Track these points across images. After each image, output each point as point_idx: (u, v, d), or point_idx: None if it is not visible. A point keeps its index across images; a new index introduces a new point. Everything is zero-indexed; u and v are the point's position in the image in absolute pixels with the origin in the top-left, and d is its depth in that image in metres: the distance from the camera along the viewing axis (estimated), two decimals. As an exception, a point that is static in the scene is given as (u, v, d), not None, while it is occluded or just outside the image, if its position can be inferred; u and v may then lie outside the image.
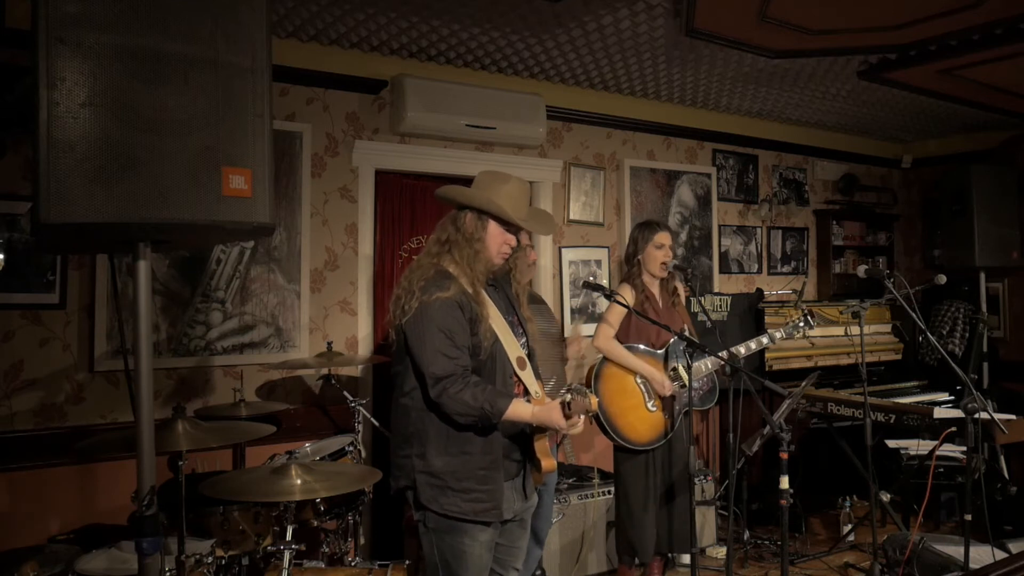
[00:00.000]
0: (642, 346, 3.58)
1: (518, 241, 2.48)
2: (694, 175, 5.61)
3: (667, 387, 3.47)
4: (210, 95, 1.64)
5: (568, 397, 2.18)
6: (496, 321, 2.36)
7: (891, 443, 4.50)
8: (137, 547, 1.74)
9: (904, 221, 6.89)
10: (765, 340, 3.70)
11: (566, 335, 3.96)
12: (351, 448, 3.45)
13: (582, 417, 2.24)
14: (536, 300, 3.71)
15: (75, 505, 3.42)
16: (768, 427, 2.83)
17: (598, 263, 5.11)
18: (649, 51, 4.21)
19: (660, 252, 3.58)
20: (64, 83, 1.48)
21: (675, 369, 3.58)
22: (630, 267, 3.66)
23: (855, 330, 5.17)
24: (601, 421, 3.43)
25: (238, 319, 3.86)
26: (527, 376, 2.40)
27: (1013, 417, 4.02)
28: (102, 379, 3.53)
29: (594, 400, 2.22)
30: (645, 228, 3.65)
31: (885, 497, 4.57)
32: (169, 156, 1.59)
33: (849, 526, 4.72)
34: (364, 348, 4.25)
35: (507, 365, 2.36)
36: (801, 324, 3.77)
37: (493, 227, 2.39)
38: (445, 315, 2.25)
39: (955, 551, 3.24)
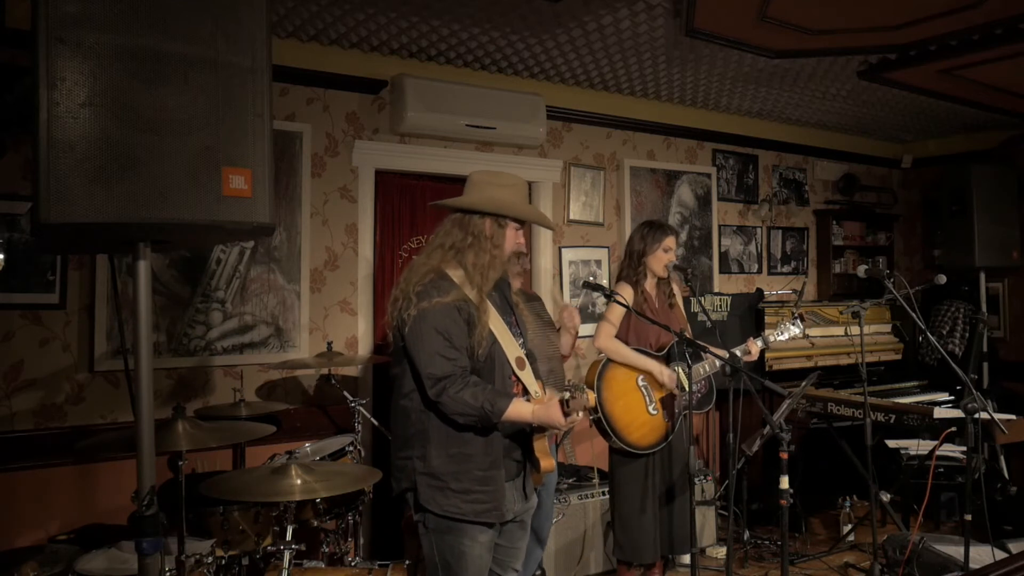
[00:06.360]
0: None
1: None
2: (694, 175, 5.61)
3: (668, 376, 3.44)
4: (210, 95, 1.64)
5: (567, 395, 2.18)
6: (494, 322, 2.35)
7: (891, 443, 4.50)
8: (137, 547, 1.74)
9: (904, 221, 6.89)
10: (760, 343, 3.69)
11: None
12: (351, 448, 3.45)
13: (580, 414, 2.24)
14: (531, 297, 3.70)
15: (75, 505, 3.42)
16: (768, 427, 2.83)
17: (598, 263, 5.11)
18: (649, 51, 4.21)
19: (667, 256, 3.54)
20: (64, 83, 1.48)
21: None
22: (633, 266, 3.57)
23: (855, 330, 5.17)
24: (603, 425, 3.42)
25: (238, 319, 3.86)
26: (526, 376, 2.39)
27: (1013, 417, 4.02)
28: (102, 379, 3.53)
29: (592, 396, 2.22)
30: (656, 229, 3.56)
31: (885, 497, 4.57)
32: (169, 156, 1.59)
33: (849, 526, 4.72)
34: (364, 348, 4.25)
35: (506, 366, 2.35)
36: (791, 326, 3.74)
37: (510, 229, 2.40)
38: (443, 317, 2.25)
39: (955, 551, 3.24)
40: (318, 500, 3.05)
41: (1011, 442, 4.07)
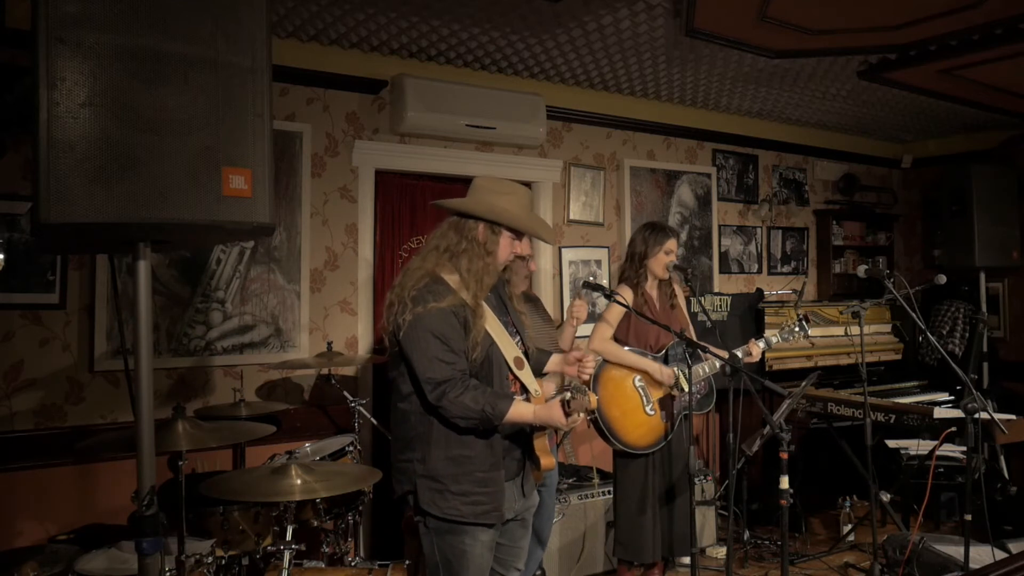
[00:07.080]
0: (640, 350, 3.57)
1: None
2: (694, 175, 5.61)
3: (667, 375, 3.44)
4: (210, 95, 1.64)
5: (568, 395, 2.18)
6: (491, 323, 2.35)
7: (891, 443, 4.50)
8: (137, 547, 1.74)
9: (904, 221, 6.89)
10: (762, 344, 3.68)
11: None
12: (351, 448, 3.45)
13: (581, 414, 2.24)
14: (530, 298, 3.70)
15: (75, 505, 3.42)
16: (768, 427, 2.83)
17: (598, 263, 5.11)
18: (649, 51, 4.21)
19: (668, 258, 3.54)
20: (64, 83, 1.48)
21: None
22: (634, 268, 3.57)
23: (855, 330, 5.17)
24: (600, 425, 3.41)
25: (238, 319, 3.86)
26: (525, 375, 2.39)
27: (1013, 417, 4.02)
28: (102, 379, 3.53)
29: (593, 398, 2.22)
30: (657, 232, 3.55)
31: (885, 497, 4.57)
32: (169, 156, 1.59)
33: (849, 526, 4.72)
34: (364, 348, 4.25)
35: (503, 367, 2.35)
36: (796, 328, 3.73)
37: (504, 238, 2.38)
38: (439, 322, 2.24)
39: (955, 551, 3.24)
40: (318, 500, 3.05)
41: (1011, 442, 4.07)
